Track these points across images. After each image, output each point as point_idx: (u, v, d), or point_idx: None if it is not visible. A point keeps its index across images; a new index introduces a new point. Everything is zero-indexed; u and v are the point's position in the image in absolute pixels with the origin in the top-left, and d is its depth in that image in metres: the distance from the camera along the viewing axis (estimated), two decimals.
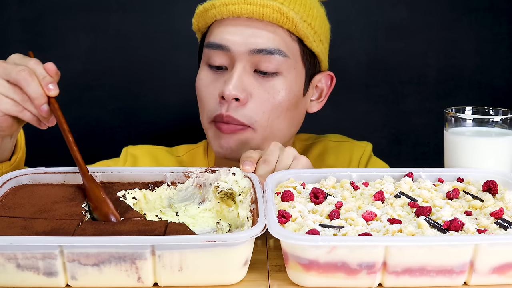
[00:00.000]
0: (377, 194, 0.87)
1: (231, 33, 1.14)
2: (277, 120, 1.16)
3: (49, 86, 0.93)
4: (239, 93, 1.12)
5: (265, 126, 1.15)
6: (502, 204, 0.85)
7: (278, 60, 1.13)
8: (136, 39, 1.73)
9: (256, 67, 1.14)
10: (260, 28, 1.14)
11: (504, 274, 0.75)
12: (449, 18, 1.76)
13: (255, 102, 1.14)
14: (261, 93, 1.14)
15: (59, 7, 1.70)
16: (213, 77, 1.17)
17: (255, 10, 1.12)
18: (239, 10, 1.13)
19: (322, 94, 1.26)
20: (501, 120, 0.99)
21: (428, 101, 1.80)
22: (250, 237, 0.74)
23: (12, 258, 0.72)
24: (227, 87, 1.11)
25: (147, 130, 1.78)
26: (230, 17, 1.15)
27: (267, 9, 1.12)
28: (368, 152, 1.35)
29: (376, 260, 0.73)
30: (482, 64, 1.79)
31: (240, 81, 1.12)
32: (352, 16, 1.74)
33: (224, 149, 1.16)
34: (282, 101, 1.15)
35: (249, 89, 1.13)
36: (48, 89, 0.93)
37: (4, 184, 0.89)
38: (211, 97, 1.16)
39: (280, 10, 1.12)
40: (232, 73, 1.13)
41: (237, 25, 1.14)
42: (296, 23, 1.13)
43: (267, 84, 1.14)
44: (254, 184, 0.89)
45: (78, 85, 1.74)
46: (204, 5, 1.17)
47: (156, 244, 0.72)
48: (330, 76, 1.26)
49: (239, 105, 1.13)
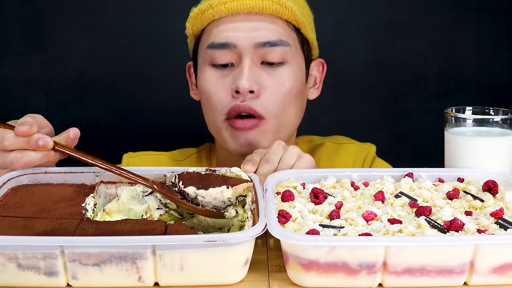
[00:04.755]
0: (377, 194, 0.87)
1: (233, 30, 1.15)
2: (288, 107, 1.18)
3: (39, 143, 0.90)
4: (253, 85, 1.14)
5: (278, 115, 1.17)
6: (503, 204, 0.85)
7: (282, 50, 1.16)
8: (136, 39, 1.73)
9: (263, 59, 1.16)
10: (260, 21, 1.15)
11: (504, 274, 0.75)
12: (449, 18, 1.76)
13: (267, 92, 1.16)
14: (271, 83, 1.16)
15: (59, 7, 1.71)
16: (219, 75, 1.17)
17: (255, 4, 1.14)
18: (239, 7, 1.14)
19: (316, 81, 1.30)
20: (501, 120, 0.99)
21: (428, 101, 1.80)
22: (251, 237, 0.74)
23: (12, 258, 0.72)
24: (241, 81, 1.13)
25: (147, 130, 1.78)
26: (229, 14, 1.15)
27: (266, 2, 1.14)
28: (372, 153, 1.36)
29: (376, 260, 0.73)
30: (482, 64, 1.79)
31: (251, 74, 1.14)
32: (352, 16, 1.74)
33: (244, 145, 1.17)
34: (291, 88, 1.18)
35: (259, 80, 1.16)
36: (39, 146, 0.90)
37: (4, 184, 0.89)
38: (222, 93, 1.17)
39: (279, 1, 1.15)
40: (242, 67, 1.15)
41: (236, 21, 1.15)
42: (295, 12, 1.16)
43: (275, 73, 1.17)
44: (255, 184, 0.89)
45: (78, 85, 1.74)
46: (200, 7, 1.17)
47: (157, 244, 0.72)
48: (321, 63, 1.30)
49: (254, 96, 1.15)
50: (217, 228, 0.90)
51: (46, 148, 0.90)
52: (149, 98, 1.76)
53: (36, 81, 1.74)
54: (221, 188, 0.87)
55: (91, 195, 0.89)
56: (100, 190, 0.93)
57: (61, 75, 1.74)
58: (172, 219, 0.90)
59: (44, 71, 1.73)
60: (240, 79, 1.13)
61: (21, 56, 1.72)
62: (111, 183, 0.94)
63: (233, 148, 1.19)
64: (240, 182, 0.88)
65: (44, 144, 0.90)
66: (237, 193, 0.88)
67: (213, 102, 1.18)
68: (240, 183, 0.88)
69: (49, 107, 1.72)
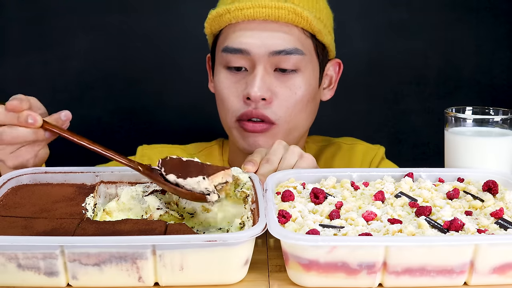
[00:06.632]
0: (377, 194, 0.87)
1: (248, 36, 1.16)
2: (299, 114, 1.20)
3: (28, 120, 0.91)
4: (265, 93, 1.16)
5: (288, 121, 1.19)
6: (503, 204, 0.85)
7: (296, 58, 1.17)
8: (136, 39, 1.73)
9: (276, 66, 1.17)
10: (276, 30, 1.16)
11: (504, 274, 0.75)
12: (449, 18, 1.76)
13: (279, 100, 1.18)
14: (284, 91, 1.18)
15: (59, 7, 1.70)
16: (233, 78, 1.20)
17: (271, 13, 1.15)
18: (255, 14, 1.15)
19: (332, 81, 1.31)
20: (501, 120, 0.99)
21: (428, 101, 1.80)
22: (251, 237, 0.74)
23: (13, 258, 0.72)
24: (252, 89, 1.15)
25: (147, 130, 1.78)
26: (245, 20, 1.17)
27: (282, 11, 1.15)
28: (380, 155, 1.37)
29: (376, 260, 0.73)
30: (482, 64, 1.79)
31: (263, 82, 1.16)
32: (352, 16, 1.74)
33: (253, 146, 1.18)
34: (303, 96, 1.19)
35: (272, 87, 1.17)
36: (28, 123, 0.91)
37: (4, 184, 0.89)
38: (234, 97, 1.19)
39: (295, 11, 1.15)
40: (254, 74, 1.16)
41: (252, 29, 1.16)
42: (310, 21, 1.17)
43: (288, 82, 1.18)
44: (255, 184, 0.89)
45: (78, 85, 1.74)
46: (218, 10, 1.18)
47: (157, 244, 0.72)
48: (338, 63, 1.31)
49: (266, 103, 1.17)
50: (217, 228, 0.90)
51: (35, 125, 0.92)
52: (149, 98, 1.76)
53: (36, 81, 1.74)
54: (198, 179, 0.86)
55: (91, 195, 0.89)
56: (100, 190, 0.93)
57: (61, 75, 1.74)
58: (172, 219, 0.91)
59: (44, 71, 1.73)
60: (252, 86, 1.15)
61: (21, 56, 1.72)
62: (111, 183, 0.94)
63: (243, 147, 1.22)
64: (217, 171, 0.87)
65: (33, 121, 0.91)
66: (215, 182, 0.87)
67: (226, 104, 1.21)
68: (218, 171, 0.87)
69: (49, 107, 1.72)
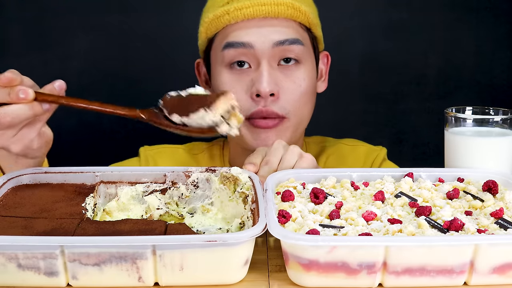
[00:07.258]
0: (377, 194, 0.87)
1: (249, 33, 1.17)
2: (304, 106, 1.21)
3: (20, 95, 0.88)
4: (273, 88, 1.16)
5: (296, 114, 1.20)
6: (502, 204, 0.85)
7: (298, 48, 1.18)
8: (136, 39, 1.73)
9: (280, 58, 1.18)
10: (275, 25, 1.18)
11: (504, 274, 0.75)
12: (449, 18, 1.76)
13: (286, 94, 1.18)
14: (289, 85, 1.19)
15: (59, 7, 1.71)
16: (236, 77, 1.19)
17: (270, 10, 1.16)
18: (254, 12, 1.16)
19: (322, 73, 1.32)
20: (501, 120, 0.99)
21: (428, 101, 1.80)
22: (251, 237, 0.74)
23: (13, 258, 0.72)
24: (262, 85, 1.15)
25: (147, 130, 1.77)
26: (244, 20, 1.17)
27: (281, 7, 1.16)
28: (382, 156, 1.37)
29: (376, 260, 0.73)
30: (482, 64, 1.79)
31: (270, 77, 1.16)
32: (352, 16, 1.74)
33: (264, 142, 1.18)
34: (307, 87, 1.21)
35: (278, 82, 1.18)
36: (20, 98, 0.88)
37: (4, 184, 0.89)
38: (241, 96, 1.18)
39: (293, 6, 1.17)
40: (260, 70, 1.16)
41: (252, 26, 1.17)
42: (308, 15, 1.19)
43: (292, 75, 1.19)
44: (255, 184, 0.89)
45: (78, 85, 1.74)
46: (215, 13, 1.18)
47: (157, 244, 0.72)
48: (325, 55, 1.32)
49: (274, 99, 1.17)
50: (217, 228, 0.90)
51: (27, 99, 0.88)
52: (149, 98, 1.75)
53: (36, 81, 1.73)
54: (200, 113, 0.85)
55: (91, 195, 0.89)
56: (100, 190, 0.93)
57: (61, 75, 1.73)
58: (172, 219, 0.91)
59: (44, 71, 1.73)
60: (260, 82, 1.15)
61: (21, 56, 1.72)
62: (111, 183, 0.94)
63: (251, 144, 1.21)
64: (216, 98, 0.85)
65: (25, 94, 0.88)
66: (219, 110, 0.86)
67: None
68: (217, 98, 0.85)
69: None
